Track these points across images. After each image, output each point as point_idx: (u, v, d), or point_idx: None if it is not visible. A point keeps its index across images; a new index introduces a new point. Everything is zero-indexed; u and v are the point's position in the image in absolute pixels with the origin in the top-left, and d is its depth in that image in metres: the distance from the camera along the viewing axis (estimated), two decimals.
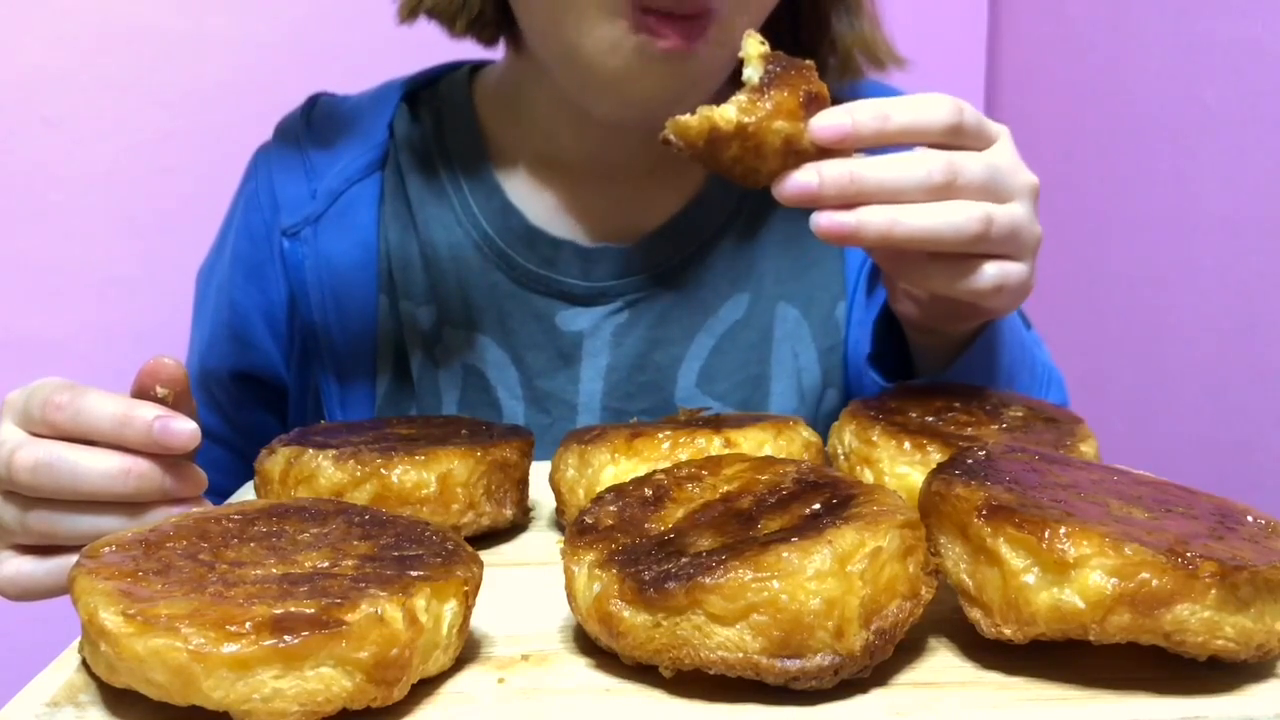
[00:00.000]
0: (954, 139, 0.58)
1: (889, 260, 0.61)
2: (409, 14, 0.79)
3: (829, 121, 0.56)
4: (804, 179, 0.57)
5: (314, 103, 0.87)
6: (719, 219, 0.83)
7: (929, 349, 0.72)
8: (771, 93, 0.56)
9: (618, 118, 0.74)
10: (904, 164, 0.57)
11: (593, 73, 0.71)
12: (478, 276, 0.81)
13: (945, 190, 0.57)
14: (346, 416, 0.79)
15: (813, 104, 0.57)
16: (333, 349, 0.80)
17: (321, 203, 0.81)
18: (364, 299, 0.80)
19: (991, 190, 0.58)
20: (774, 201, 0.84)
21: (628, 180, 0.82)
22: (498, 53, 0.85)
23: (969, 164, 0.58)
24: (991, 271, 0.59)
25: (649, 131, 0.80)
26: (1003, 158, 0.60)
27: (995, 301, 0.62)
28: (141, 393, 0.58)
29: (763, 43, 0.58)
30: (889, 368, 0.74)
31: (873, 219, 0.56)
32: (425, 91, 0.87)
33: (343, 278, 0.80)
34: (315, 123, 0.85)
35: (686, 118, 0.56)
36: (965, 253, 0.59)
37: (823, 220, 0.57)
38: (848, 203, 0.56)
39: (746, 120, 0.56)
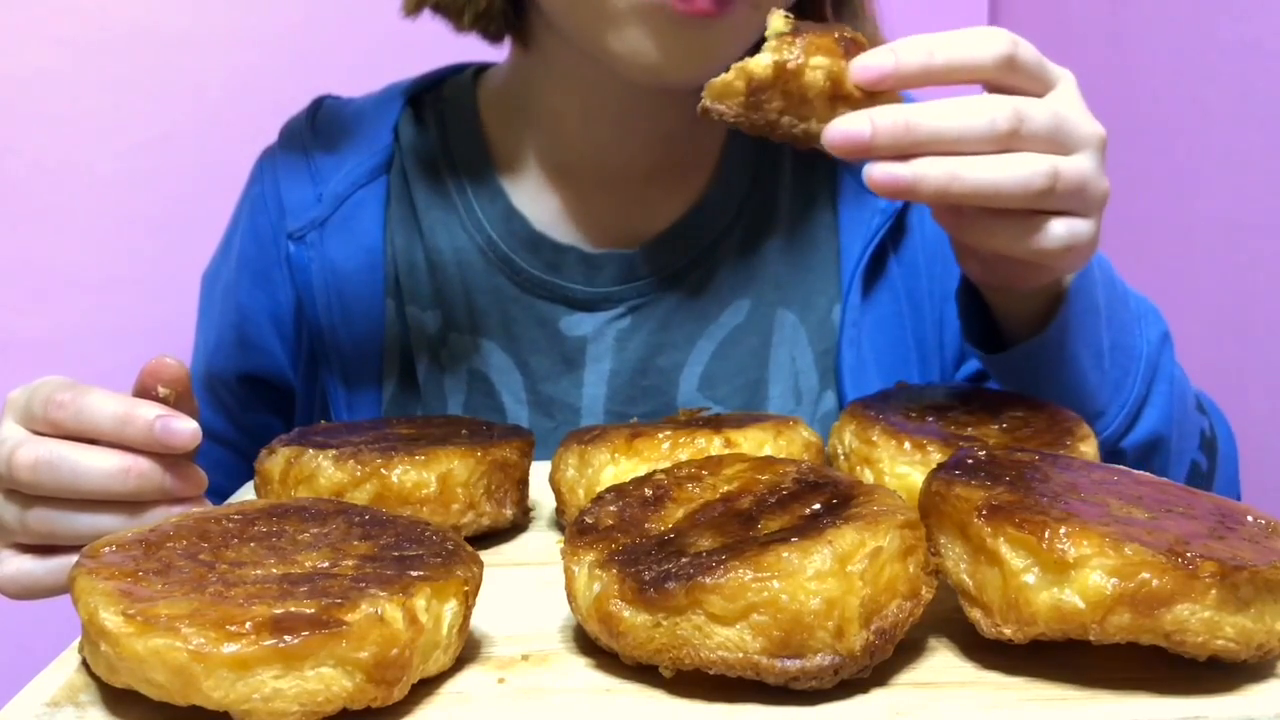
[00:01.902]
0: (1008, 75, 0.54)
1: (949, 216, 0.57)
2: (414, 8, 0.78)
3: (870, 61, 0.53)
4: (854, 126, 0.52)
5: (318, 106, 0.87)
6: (722, 224, 0.82)
7: (1013, 312, 0.67)
8: (804, 34, 0.52)
9: (651, 87, 0.72)
10: (965, 110, 0.52)
11: (620, 45, 0.69)
12: (482, 281, 0.81)
13: (1010, 140, 0.52)
14: (353, 420, 0.79)
15: (851, 47, 0.53)
16: (339, 353, 0.80)
17: (327, 207, 0.81)
18: (370, 303, 0.80)
19: (1057, 141, 0.54)
20: (775, 205, 0.84)
21: (632, 185, 0.82)
22: (500, 53, 0.85)
23: (1034, 111, 0.53)
24: (1060, 230, 0.55)
25: (664, 131, 0.80)
26: (1068, 104, 0.55)
27: (1063, 262, 0.58)
28: (143, 392, 0.58)
29: (788, 17, 0.54)
30: (988, 341, 0.70)
31: (930, 172, 0.52)
32: (429, 95, 0.86)
33: (349, 282, 0.80)
34: (320, 126, 0.85)
35: (720, 78, 0.53)
36: (1030, 209, 0.54)
37: (876, 172, 0.52)
38: (903, 153, 0.52)
39: (783, 58, 0.52)
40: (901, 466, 0.56)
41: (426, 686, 0.42)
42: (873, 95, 0.53)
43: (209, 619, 0.37)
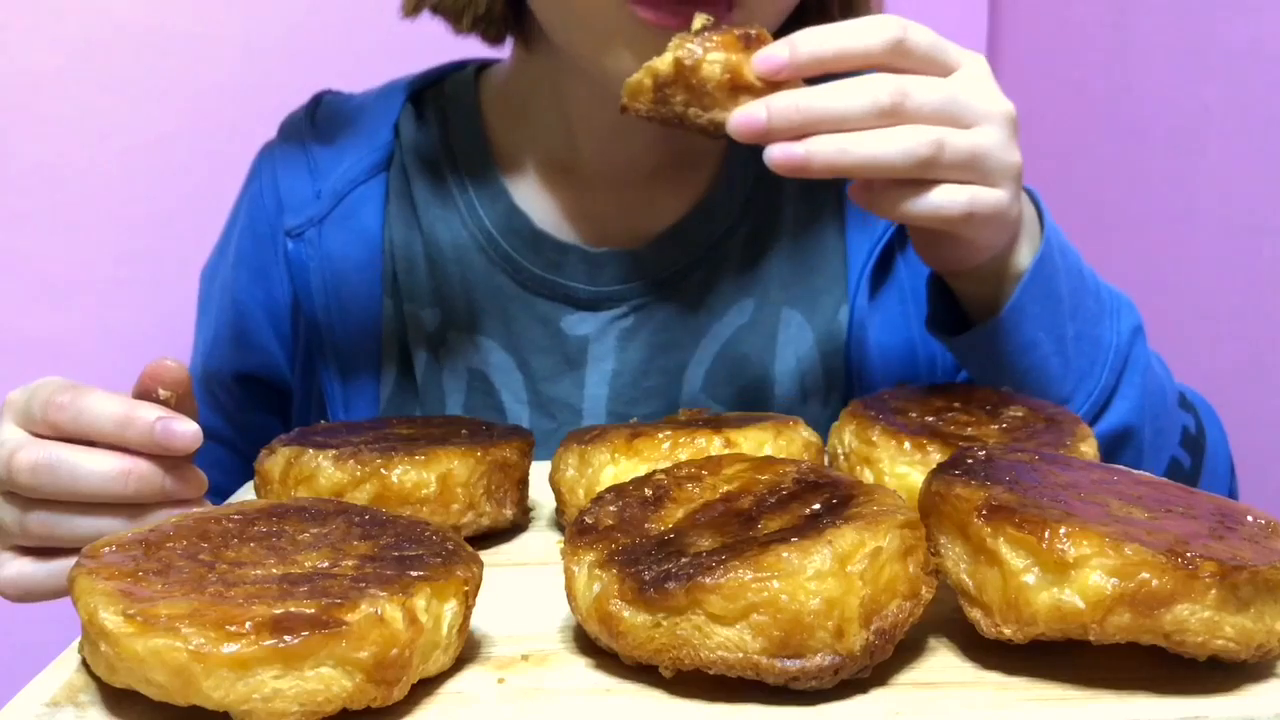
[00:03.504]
0: (898, 60, 0.57)
1: (860, 192, 0.60)
2: (413, 9, 0.78)
3: (769, 52, 0.57)
4: (751, 112, 0.56)
5: (319, 101, 0.87)
6: (725, 223, 0.82)
7: (973, 297, 0.69)
8: (707, 34, 0.57)
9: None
10: (850, 89, 0.56)
11: (609, 62, 0.69)
12: (482, 279, 0.81)
13: (893, 115, 0.56)
14: (350, 419, 0.79)
15: (754, 43, 0.57)
16: (337, 351, 0.80)
17: (326, 204, 0.81)
18: (368, 301, 0.80)
19: (949, 115, 0.57)
20: (780, 205, 0.84)
21: (634, 184, 0.82)
22: (502, 51, 0.84)
23: (921, 88, 0.57)
24: (958, 196, 0.58)
25: (667, 130, 0.80)
26: (966, 84, 0.59)
27: (970, 229, 0.61)
28: (144, 394, 0.58)
29: (706, 19, 0.58)
30: (952, 328, 0.71)
31: (821, 148, 0.56)
32: (430, 91, 0.86)
33: (347, 279, 0.80)
34: (320, 121, 0.85)
35: (633, 77, 0.58)
36: (925, 179, 0.58)
37: (775, 152, 0.56)
38: (797, 133, 0.56)
39: (681, 55, 0.57)
40: (901, 466, 0.56)
41: (426, 686, 0.42)
42: (775, 85, 0.57)
43: (209, 619, 0.37)
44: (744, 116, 0.57)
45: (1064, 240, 0.70)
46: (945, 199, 0.58)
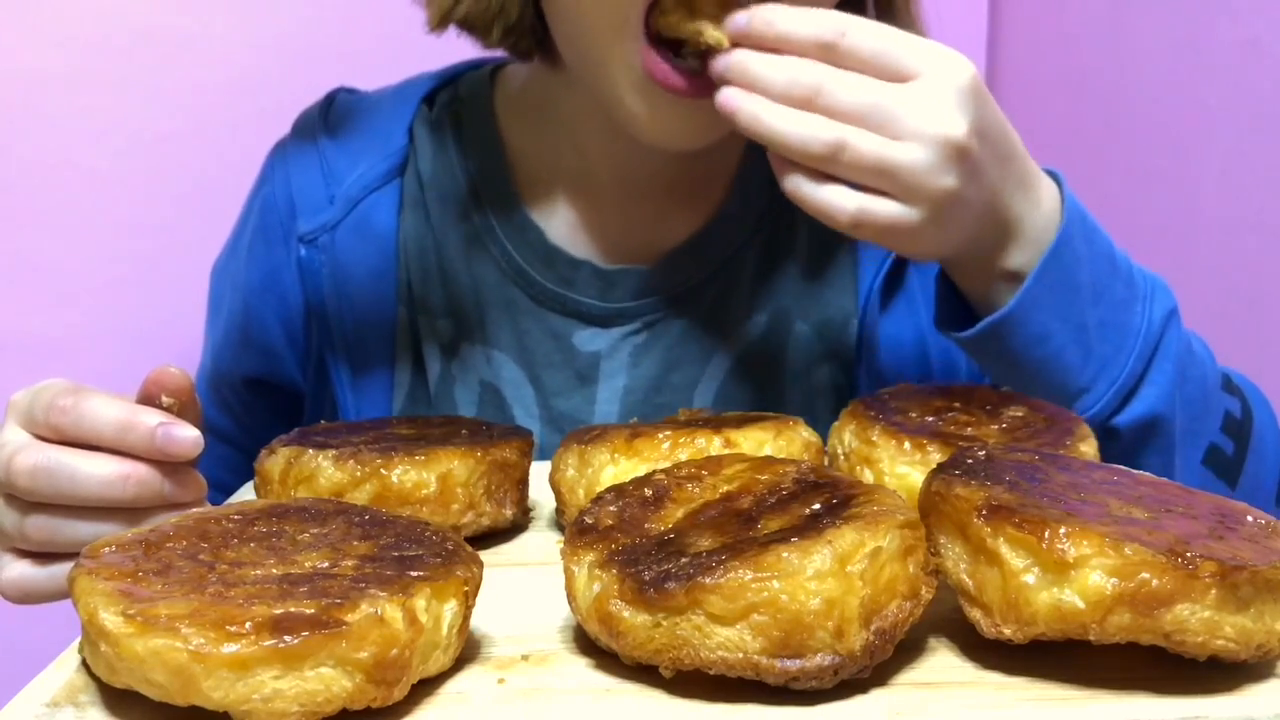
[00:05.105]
0: (827, 57, 0.59)
1: (773, 160, 0.62)
2: (440, 23, 0.74)
3: (738, 16, 0.61)
4: (731, 57, 0.61)
5: (332, 100, 0.86)
6: (738, 239, 0.81)
7: (973, 292, 0.69)
8: None
9: (651, 149, 0.72)
10: (778, 66, 0.59)
11: (622, 109, 0.69)
12: (495, 293, 0.80)
13: (805, 104, 0.58)
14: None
15: None
16: (350, 358, 0.79)
17: (339, 209, 0.80)
18: (382, 309, 0.79)
19: (873, 123, 0.58)
20: (795, 220, 0.83)
21: (648, 198, 0.81)
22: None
23: (841, 88, 0.58)
24: (847, 204, 0.59)
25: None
26: (909, 96, 0.58)
27: (861, 235, 0.61)
28: (147, 401, 0.58)
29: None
30: (961, 325, 0.70)
31: (744, 107, 0.60)
32: (444, 92, 0.85)
33: (361, 287, 0.79)
34: (333, 122, 0.84)
35: None
36: (827, 173, 0.59)
37: (721, 92, 0.61)
38: (738, 84, 0.60)
39: None
40: (901, 466, 0.56)
41: (426, 686, 0.42)
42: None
43: (209, 619, 0.37)
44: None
45: (1091, 226, 0.69)
46: (832, 200, 0.60)
